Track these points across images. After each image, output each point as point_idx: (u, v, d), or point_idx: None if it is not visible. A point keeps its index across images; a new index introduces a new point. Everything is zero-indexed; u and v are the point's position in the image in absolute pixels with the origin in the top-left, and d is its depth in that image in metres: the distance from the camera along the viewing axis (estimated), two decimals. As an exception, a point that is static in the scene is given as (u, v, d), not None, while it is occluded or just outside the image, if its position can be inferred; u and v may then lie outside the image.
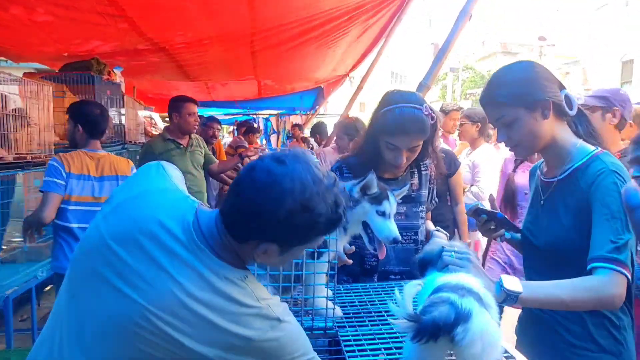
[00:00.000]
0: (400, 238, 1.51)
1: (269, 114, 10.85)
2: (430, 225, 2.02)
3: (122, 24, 3.35)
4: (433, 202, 2.03)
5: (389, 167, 1.87)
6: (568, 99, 1.44)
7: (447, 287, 1.02)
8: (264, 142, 10.55)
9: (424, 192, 1.95)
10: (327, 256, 1.35)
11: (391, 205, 1.52)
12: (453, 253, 1.23)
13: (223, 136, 10.60)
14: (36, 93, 3.59)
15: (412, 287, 1.03)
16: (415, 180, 1.93)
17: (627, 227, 1.27)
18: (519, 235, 1.63)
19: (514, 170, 3.05)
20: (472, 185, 3.68)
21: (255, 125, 10.16)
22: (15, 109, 3.36)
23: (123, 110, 4.97)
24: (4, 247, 3.63)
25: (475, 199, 3.42)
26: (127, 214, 1.03)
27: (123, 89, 5.03)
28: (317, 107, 9.01)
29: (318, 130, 6.69)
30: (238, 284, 0.97)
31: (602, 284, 1.24)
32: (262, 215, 0.95)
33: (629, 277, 1.25)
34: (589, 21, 24.24)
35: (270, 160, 0.98)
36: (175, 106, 3.88)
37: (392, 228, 1.51)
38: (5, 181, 3.56)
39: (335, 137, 4.53)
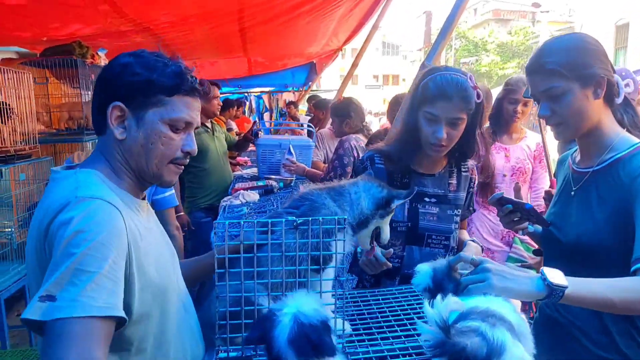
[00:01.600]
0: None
1: (261, 92, 10.62)
2: (465, 235, 1.85)
3: (102, 6, 3.16)
4: (470, 209, 1.87)
5: (425, 159, 1.71)
6: (617, 84, 1.32)
7: (475, 314, 0.90)
8: (257, 120, 10.36)
9: (462, 194, 1.77)
10: (333, 271, 1.23)
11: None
12: (466, 271, 1.10)
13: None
14: (15, 81, 3.41)
15: (449, 304, 0.89)
16: (454, 181, 1.76)
17: None
18: (540, 228, 1.51)
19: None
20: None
21: (247, 103, 9.97)
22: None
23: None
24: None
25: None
26: None
27: (108, 72, 4.84)
28: (310, 83, 8.81)
29: (320, 106, 6.21)
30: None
31: None
32: (101, 77, 1.11)
33: None
34: (583, -15, 23.81)
35: None
36: None
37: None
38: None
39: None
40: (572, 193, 1.41)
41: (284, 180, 3.41)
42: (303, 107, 9.74)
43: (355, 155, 3.07)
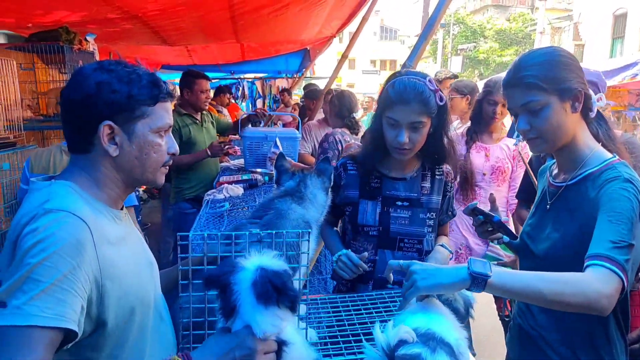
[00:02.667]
0: None
1: (254, 78, 10.53)
2: (444, 240, 1.85)
3: (87, -7, 3.11)
4: (449, 212, 1.87)
5: (396, 164, 1.73)
6: (591, 97, 1.33)
7: (417, 337, 0.91)
8: (250, 106, 10.30)
9: (435, 198, 1.78)
10: (298, 273, 1.24)
11: None
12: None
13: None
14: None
15: (399, 333, 0.91)
16: (427, 184, 1.77)
17: (632, 235, 1.16)
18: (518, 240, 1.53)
19: (468, 152, 2.96)
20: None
21: (240, 88, 9.90)
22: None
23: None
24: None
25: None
26: None
27: (97, 57, 4.79)
28: (303, 69, 8.74)
29: (311, 95, 6.10)
30: None
31: (591, 280, 1.09)
32: (76, 99, 1.08)
33: (624, 281, 1.10)
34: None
35: None
36: (187, 82, 3.74)
37: None
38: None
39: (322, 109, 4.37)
40: (548, 207, 1.43)
41: (269, 174, 3.40)
42: (299, 92, 9.67)
43: (340, 149, 3.07)
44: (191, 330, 1.13)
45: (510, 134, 2.42)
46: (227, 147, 3.62)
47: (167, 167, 1.21)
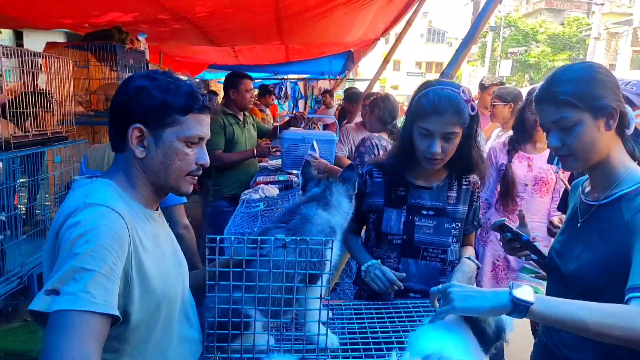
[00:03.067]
0: None
1: (297, 78, 10.63)
2: (469, 251, 1.83)
3: (139, -5, 3.24)
4: (475, 223, 1.86)
5: (423, 172, 1.73)
6: (628, 115, 1.29)
7: None
8: (292, 106, 10.42)
9: (462, 208, 1.76)
10: (321, 279, 1.26)
11: None
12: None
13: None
14: (57, 67, 3.56)
15: None
16: (454, 194, 1.76)
17: None
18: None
19: (510, 161, 2.89)
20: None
21: (283, 89, 10.01)
22: (36, 85, 3.35)
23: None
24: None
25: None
26: None
27: (147, 56, 4.97)
28: (346, 71, 8.75)
29: (351, 98, 6.05)
30: None
31: (636, 313, 1.04)
32: (118, 101, 1.17)
33: None
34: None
35: None
36: (233, 82, 3.86)
37: None
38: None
39: (360, 112, 4.36)
40: (579, 225, 1.39)
41: (305, 176, 3.44)
42: (341, 93, 9.67)
43: (377, 153, 3.07)
44: (216, 330, 1.18)
45: (550, 161, 2.36)
46: (274, 149, 3.72)
47: (195, 178, 1.25)
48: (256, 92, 8.07)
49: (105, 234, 1.02)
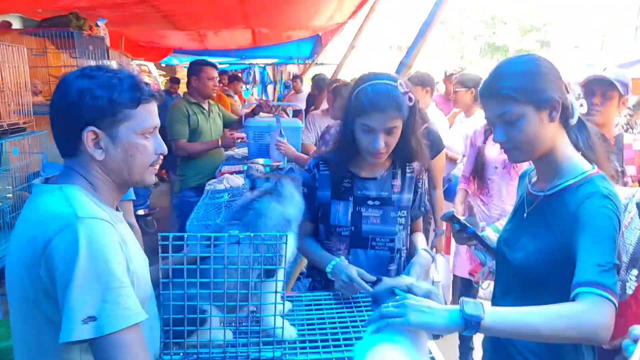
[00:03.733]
0: None
1: (265, 63, 10.52)
2: (419, 241, 1.86)
3: (95, -20, 3.14)
4: (422, 208, 1.89)
5: (367, 164, 1.73)
6: (571, 105, 1.32)
7: None
8: (261, 91, 10.32)
9: (407, 196, 1.79)
10: (277, 273, 1.27)
11: None
12: (390, 304, 1.10)
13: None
14: (10, 56, 3.43)
15: None
16: (398, 182, 1.78)
17: (615, 253, 1.17)
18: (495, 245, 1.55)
19: (484, 143, 2.97)
20: (464, 157, 3.56)
21: (252, 74, 9.90)
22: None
23: (112, 64, 4.80)
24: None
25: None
26: None
27: (108, 42, 4.84)
28: (315, 55, 8.71)
29: (318, 85, 5.92)
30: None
31: (584, 311, 1.08)
32: (60, 106, 1.12)
33: (616, 304, 1.10)
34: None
35: None
36: (195, 70, 3.79)
37: None
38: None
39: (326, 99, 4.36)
40: (525, 215, 1.43)
41: (270, 165, 3.44)
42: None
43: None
44: (171, 327, 1.18)
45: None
46: (239, 140, 3.69)
47: (156, 167, 1.24)
48: (226, 78, 7.96)
49: (109, 248, 1.03)
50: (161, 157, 1.23)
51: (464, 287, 3.39)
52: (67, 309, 0.98)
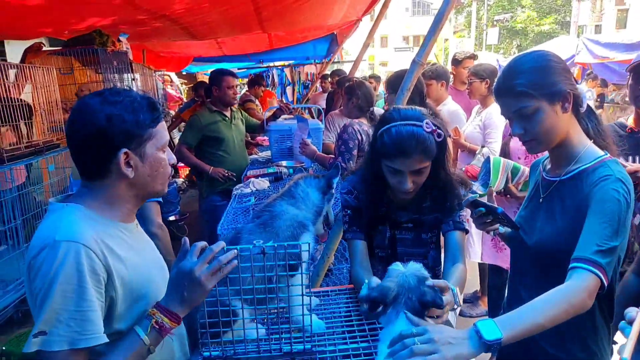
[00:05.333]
0: None
1: (283, 65, 10.63)
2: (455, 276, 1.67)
3: (115, 0, 3.28)
4: (450, 222, 1.74)
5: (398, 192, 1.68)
6: (581, 95, 1.41)
7: None
8: (280, 93, 10.42)
9: (437, 214, 1.74)
10: (301, 268, 1.36)
11: None
12: (417, 340, 1.07)
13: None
14: (41, 76, 3.61)
15: None
16: (428, 203, 1.73)
17: (617, 236, 1.24)
18: (512, 231, 1.60)
19: (510, 135, 3.00)
20: (483, 147, 3.59)
21: (270, 76, 10.01)
22: (21, 99, 3.40)
23: (136, 77, 4.99)
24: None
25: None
26: None
27: (130, 56, 5.00)
28: (331, 54, 8.76)
29: (339, 84, 6.09)
30: None
31: (572, 291, 1.19)
32: (87, 132, 1.19)
33: (604, 282, 1.21)
34: None
35: None
36: (215, 79, 4.00)
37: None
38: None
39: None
40: (540, 200, 1.49)
41: (294, 167, 3.53)
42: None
43: (359, 138, 3.14)
44: (208, 329, 1.28)
45: None
46: (228, 175, 3.80)
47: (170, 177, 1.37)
48: (243, 81, 8.07)
49: (77, 272, 1.11)
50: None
51: (493, 274, 3.43)
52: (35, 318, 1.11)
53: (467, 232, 1.73)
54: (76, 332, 1.09)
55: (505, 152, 3.08)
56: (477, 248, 3.59)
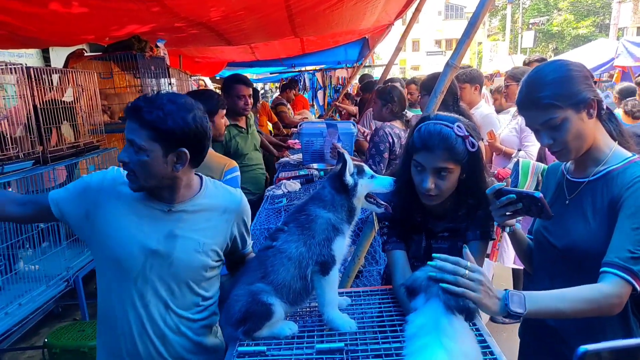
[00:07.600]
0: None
1: (314, 69, 10.71)
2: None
3: (155, 8, 3.38)
4: (477, 232, 1.72)
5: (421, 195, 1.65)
6: (601, 100, 1.41)
7: None
8: (312, 97, 10.49)
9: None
10: (336, 270, 1.38)
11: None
12: (467, 272, 1.20)
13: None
14: (82, 81, 3.76)
15: None
16: (465, 211, 1.69)
17: None
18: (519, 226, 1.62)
19: None
20: (519, 150, 3.53)
21: (302, 80, 10.10)
22: (64, 101, 3.55)
23: (172, 81, 5.13)
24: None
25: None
26: None
27: (167, 61, 5.15)
28: (362, 58, 8.79)
29: (366, 89, 6.04)
30: None
31: (605, 295, 1.22)
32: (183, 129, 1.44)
33: (638, 288, 1.23)
34: None
35: None
36: (225, 87, 3.74)
37: (384, 178, 1.61)
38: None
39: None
40: (567, 202, 1.48)
41: (325, 169, 3.56)
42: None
43: (390, 141, 3.15)
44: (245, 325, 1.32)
45: None
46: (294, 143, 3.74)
47: None
48: (274, 84, 8.16)
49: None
50: None
51: (528, 279, 3.38)
52: None
53: (492, 239, 1.73)
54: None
55: (541, 156, 3.04)
56: (510, 253, 3.54)
